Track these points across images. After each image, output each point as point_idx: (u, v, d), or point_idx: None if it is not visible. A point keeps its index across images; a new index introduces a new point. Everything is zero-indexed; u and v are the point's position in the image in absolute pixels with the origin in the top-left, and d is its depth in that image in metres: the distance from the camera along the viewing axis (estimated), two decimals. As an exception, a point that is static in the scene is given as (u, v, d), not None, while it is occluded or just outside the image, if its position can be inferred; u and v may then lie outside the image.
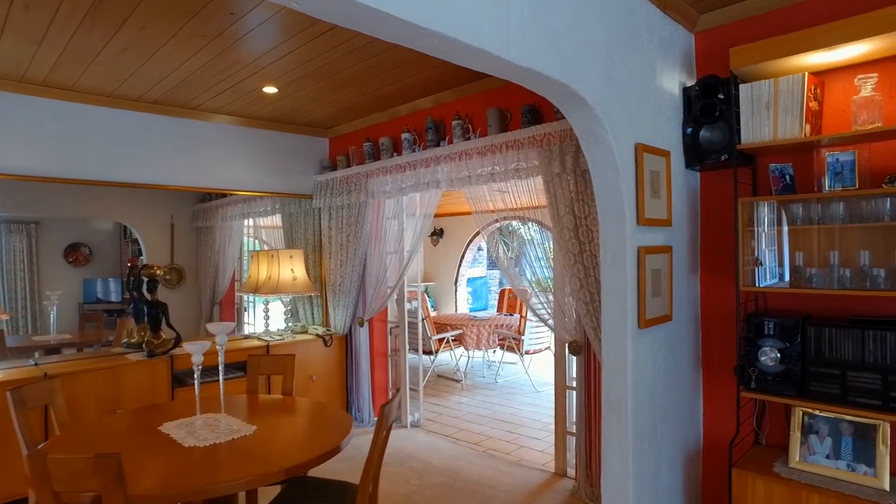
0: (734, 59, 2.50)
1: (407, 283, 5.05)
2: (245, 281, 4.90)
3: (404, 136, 4.35)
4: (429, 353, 6.61)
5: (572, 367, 3.69)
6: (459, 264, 9.95)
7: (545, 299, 3.75)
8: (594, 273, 3.12)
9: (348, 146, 5.03)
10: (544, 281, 3.79)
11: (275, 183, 5.09)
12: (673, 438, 2.73)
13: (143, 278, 4.12)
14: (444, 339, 6.72)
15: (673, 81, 2.75)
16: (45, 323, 4.36)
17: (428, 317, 6.77)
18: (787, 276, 2.53)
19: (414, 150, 4.30)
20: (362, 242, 4.83)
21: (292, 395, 3.18)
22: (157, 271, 4.15)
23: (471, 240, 9.75)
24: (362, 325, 4.98)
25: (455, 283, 9.99)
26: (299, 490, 2.55)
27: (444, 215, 9.68)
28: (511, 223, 7.66)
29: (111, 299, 4.72)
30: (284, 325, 5.08)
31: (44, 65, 3.38)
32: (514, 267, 4.12)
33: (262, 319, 4.97)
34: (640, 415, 2.46)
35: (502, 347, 6.90)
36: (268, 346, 4.57)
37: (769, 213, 2.54)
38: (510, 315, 7.56)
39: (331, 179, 5.07)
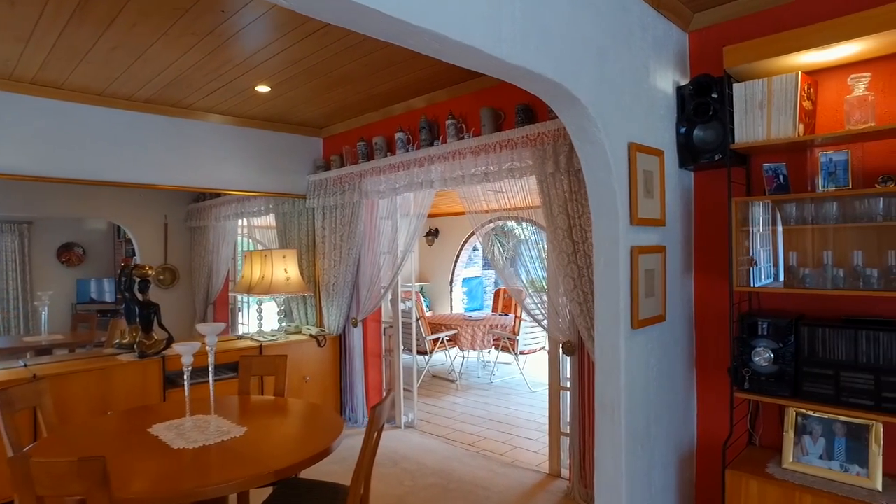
0: (728, 58, 2.49)
1: (401, 283, 5.03)
2: (238, 281, 4.88)
3: (398, 135, 4.33)
4: (423, 353, 6.59)
5: (566, 368, 3.68)
6: (454, 264, 9.93)
7: (539, 300, 3.73)
8: (588, 273, 3.10)
9: (342, 146, 5.01)
10: (538, 281, 3.78)
11: (268, 183, 5.06)
12: (666, 439, 2.71)
13: (134, 278, 4.09)
14: (438, 339, 6.70)
15: (666, 80, 2.74)
16: (36, 324, 4.33)
17: (422, 317, 6.75)
18: (782, 276, 2.52)
19: (408, 150, 4.28)
20: (356, 242, 4.81)
21: (284, 396, 3.16)
22: (149, 271, 4.12)
23: (466, 240, 9.72)
24: (356, 325, 4.95)
25: (450, 283, 9.97)
26: (290, 492, 2.53)
27: (440, 215, 9.66)
28: (507, 223, 7.65)
29: (105, 300, 4.69)
30: (278, 325, 5.06)
31: (32, 63, 3.35)
32: (509, 267, 4.10)
33: (256, 320, 4.95)
34: (633, 415, 2.45)
35: (497, 348, 6.89)
36: (261, 346, 4.54)
37: (763, 212, 2.53)
38: (505, 315, 7.54)
39: (324, 179, 5.04)
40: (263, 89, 3.99)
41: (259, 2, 2.61)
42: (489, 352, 7.14)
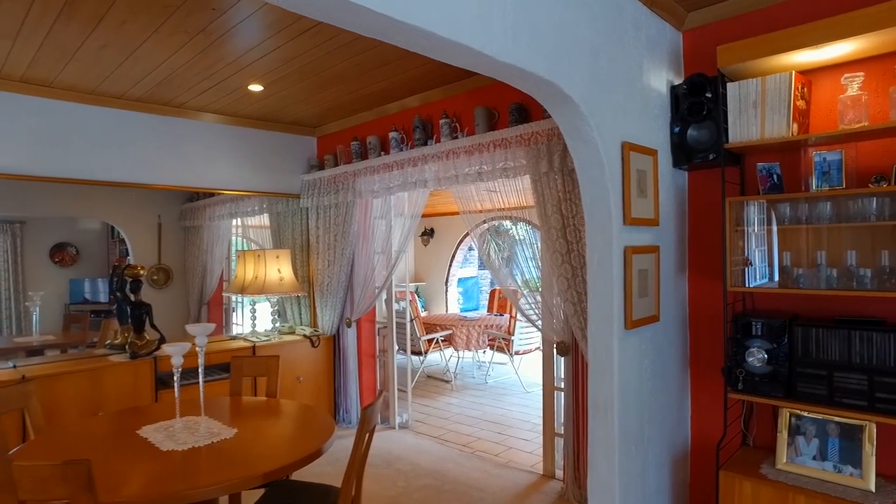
0: (721, 57, 2.48)
1: (395, 283, 5.01)
2: (231, 281, 4.85)
3: (392, 134, 4.31)
4: (418, 353, 6.57)
5: (560, 368, 3.66)
6: (450, 264, 9.91)
7: (533, 300, 3.72)
8: (582, 273, 3.09)
9: (336, 145, 4.98)
10: (533, 282, 3.76)
11: (262, 182, 5.03)
12: (660, 440, 2.70)
13: (126, 279, 4.06)
14: (433, 339, 6.68)
15: (660, 80, 2.73)
16: (28, 324, 4.29)
17: (417, 317, 6.73)
18: (776, 277, 2.51)
19: (401, 149, 4.26)
20: (350, 242, 4.78)
21: (277, 397, 3.14)
22: (141, 271, 4.09)
23: (461, 240, 9.71)
24: (350, 325, 4.93)
25: (446, 283, 9.95)
26: (282, 494, 2.50)
27: (435, 215, 9.63)
28: (503, 223, 7.64)
29: (99, 300, 4.66)
30: (272, 325, 5.03)
31: (21, 60, 3.31)
32: (504, 267, 4.08)
33: (250, 320, 4.92)
34: (626, 416, 2.43)
35: (492, 348, 6.87)
36: (254, 346, 4.51)
37: (757, 212, 2.52)
38: (500, 315, 7.53)
39: (318, 179, 5.02)
40: (256, 88, 3.96)
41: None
42: (484, 352, 7.12)
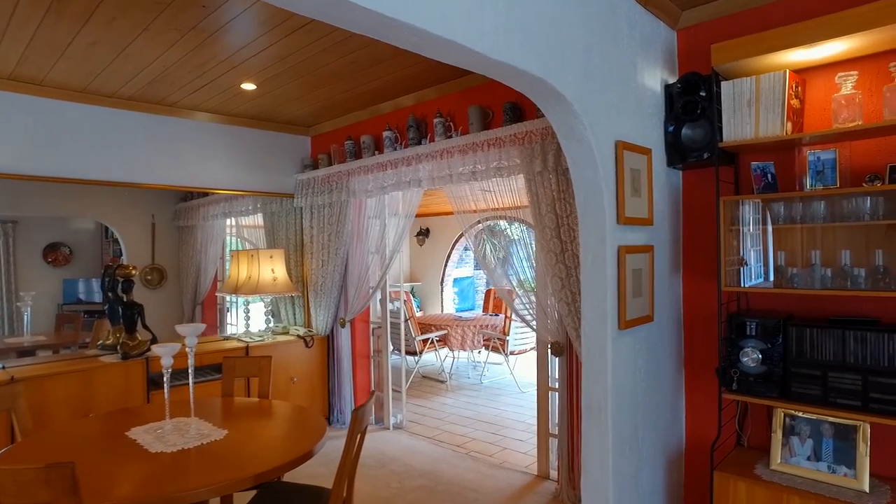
0: (716, 55, 2.47)
1: (389, 283, 4.99)
2: (225, 281, 4.82)
3: (386, 134, 4.29)
4: (413, 353, 6.54)
5: (555, 369, 3.65)
6: (445, 264, 9.89)
7: (528, 300, 3.70)
8: (576, 273, 3.07)
9: (330, 144, 4.96)
10: (527, 282, 3.75)
11: (256, 182, 5.00)
12: (654, 441, 2.69)
13: (118, 279, 4.03)
14: (428, 339, 6.66)
15: (654, 78, 2.72)
16: (20, 325, 4.25)
17: (412, 317, 6.71)
18: (771, 276, 2.50)
19: (395, 149, 4.23)
20: (344, 242, 4.76)
21: (269, 398, 3.11)
22: (133, 271, 4.05)
23: (457, 240, 9.69)
24: (344, 325, 4.90)
25: (441, 284, 9.92)
26: (273, 495, 2.48)
27: (430, 215, 9.61)
28: (498, 223, 7.61)
29: (93, 300, 4.62)
30: (265, 325, 5.00)
31: (9, 58, 3.27)
32: (500, 268, 4.06)
33: (244, 320, 4.89)
34: (620, 417, 2.42)
35: (487, 348, 6.85)
36: (247, 347, 4.48)
37: (752, 212, 2.51)
38: (495, 315, 7.51)
39: (312, 178, 4.99)
40: (249, 87, 3.93)
41: (241, -4, 2.57)
42: (479, 352, 7.10)
